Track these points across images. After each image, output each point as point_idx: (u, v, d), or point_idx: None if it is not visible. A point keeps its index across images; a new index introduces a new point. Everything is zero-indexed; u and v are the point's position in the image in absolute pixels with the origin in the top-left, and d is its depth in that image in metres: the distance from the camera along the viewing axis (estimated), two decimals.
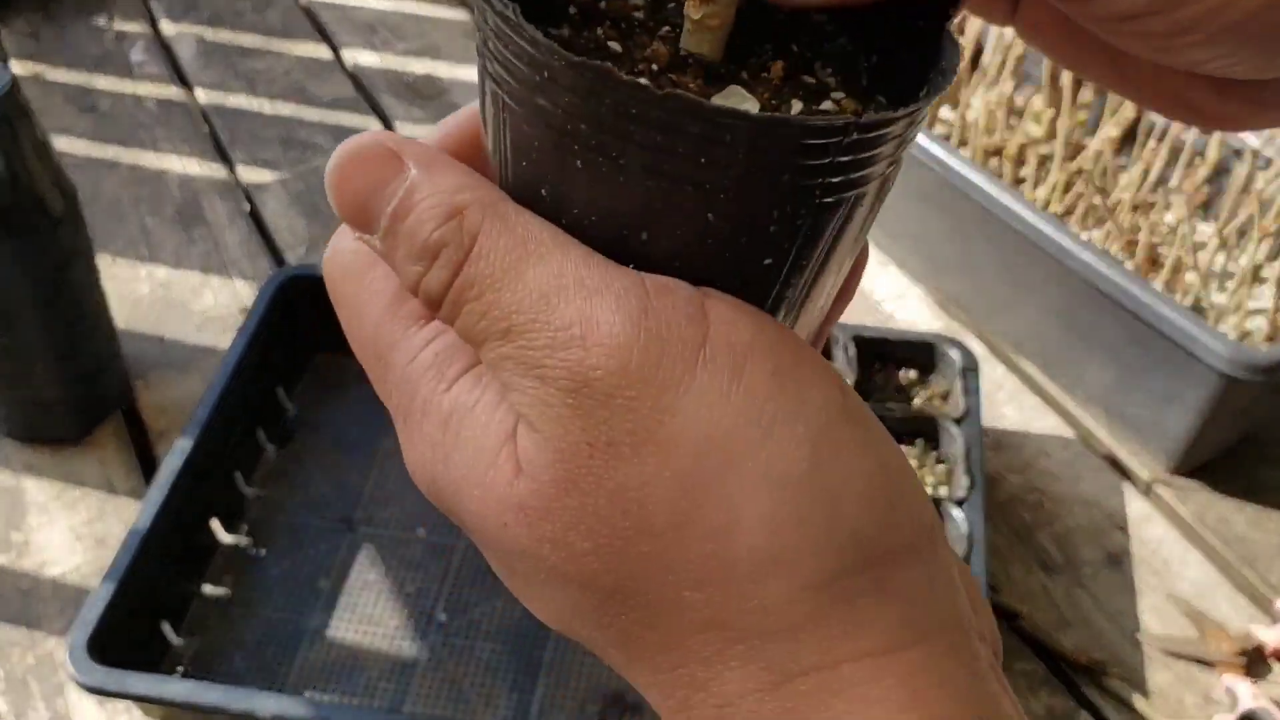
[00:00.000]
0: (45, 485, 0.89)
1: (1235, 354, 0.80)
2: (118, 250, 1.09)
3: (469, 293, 0.25)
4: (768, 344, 0.24)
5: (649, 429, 0.23)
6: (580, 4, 0.30)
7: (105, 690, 0.68)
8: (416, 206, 0.26)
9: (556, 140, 0.25)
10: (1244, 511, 0.91)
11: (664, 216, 0.25)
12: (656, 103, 0.23)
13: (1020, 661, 0.81)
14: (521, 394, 0.24)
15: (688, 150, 0.23)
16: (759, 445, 0.23)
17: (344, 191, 0.27)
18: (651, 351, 0.23)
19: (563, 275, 0.24)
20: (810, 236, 0.25)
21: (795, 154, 0.23)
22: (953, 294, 1.06)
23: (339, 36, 1.38)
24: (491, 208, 0.25)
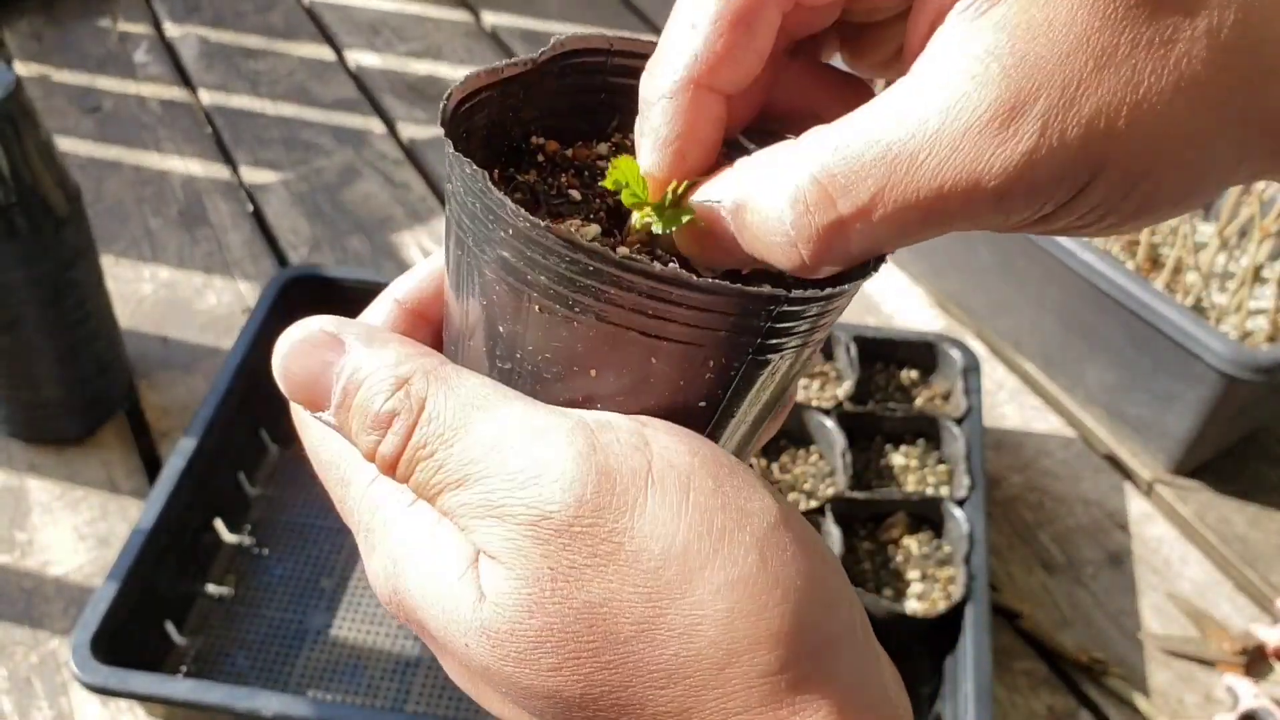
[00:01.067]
0: (49, 485, 0.89)
1: (1236, 354, 0.80)
2: (121, 250, 1.09)
3: (421, 452, 0.27)
4: (705, 464, 0.27)
5: (610, 551, 0.26)
6: (548, 153, 0.33)
7: (108, 689, 0.68)
8: (364, 382, 0.28)
9: (515, 287, 0.27)
10: (1244, 511, 0.91)
11: (611, 359, 0.27)
12: (612, 265, 0.25)
13: (1021, 660, 0.81)
14: (481, 533, 0.27)
15: (636, 306, 0.26)
16: (712, 553, 0.26)
17: (291, 378, 0.30)
18: (604, 483, 0.26)
19: (509, 426, 0.27)
20: (741, 386, 0.28)
21: (733, 316, 0.26)
22: (954, 294, 1.06)
23: (341, 37, 1.38)
24: (433, 373, 0.28)
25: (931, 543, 0.82)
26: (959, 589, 0.76)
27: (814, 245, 0.26)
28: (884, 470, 0.87)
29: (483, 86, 0.30)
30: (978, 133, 0.25)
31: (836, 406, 0.87)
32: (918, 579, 0.79)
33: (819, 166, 0.26)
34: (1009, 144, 0.25)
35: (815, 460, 0.86)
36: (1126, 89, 0.25)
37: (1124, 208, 0.26)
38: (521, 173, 0.32)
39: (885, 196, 0.25)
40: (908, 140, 0.25)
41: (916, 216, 0.25)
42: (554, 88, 0.32)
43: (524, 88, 0.32)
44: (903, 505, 0.82)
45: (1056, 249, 0.88)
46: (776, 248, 0.27)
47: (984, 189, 0.25)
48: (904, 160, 0.25)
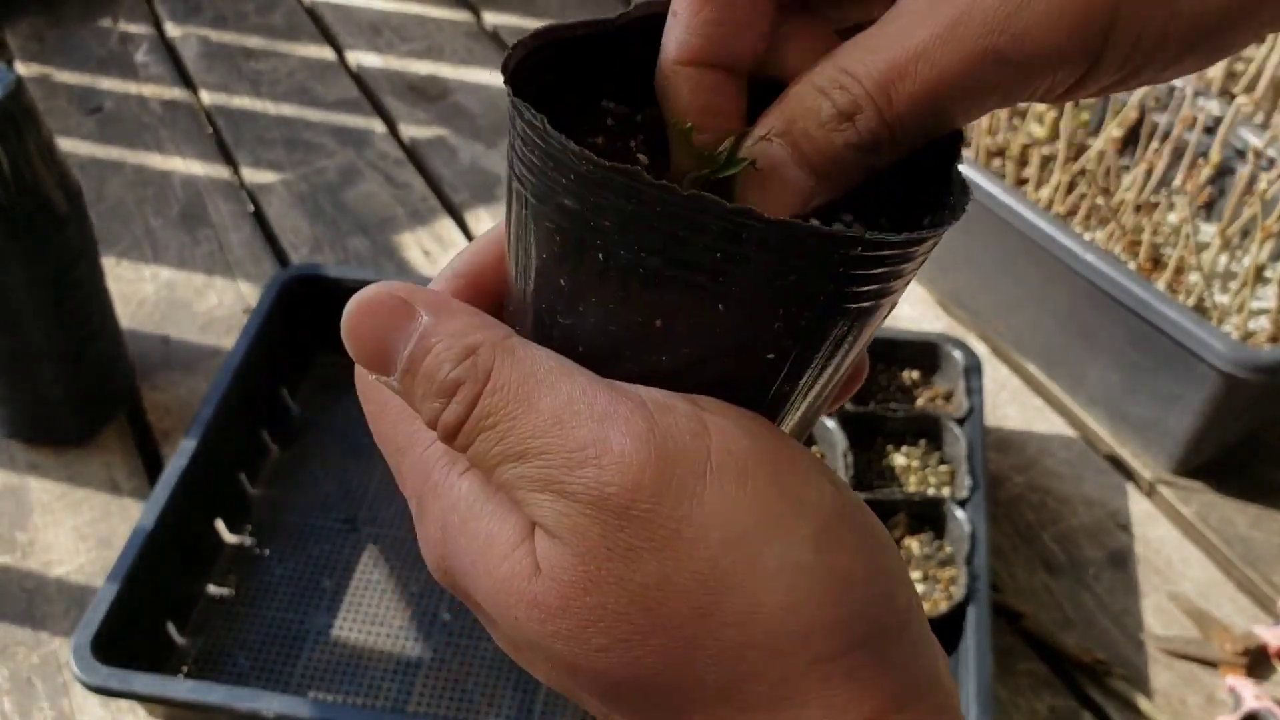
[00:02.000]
0: (50, 485, 0.89)
1: (1238, 354, 0.80)
2: (122, 251, 1.09)
3: (485, 422, 0.27)
4: (764, 451, 0.27)
5: (667, 536, 0.26)
6: (617, 116, 0.32)
7: (109, 690, 0.68)
8: (433, 349, 0.28)
9: (579, 237, 0.26)
10: (1247, 511, 0.91)
11: (677, 307, 0.27)
12: (679, 203, 0.25)
13: (1023, 662, 0.81)
14: (538, 507, 0.27)
15: (705, 245, 0.25)
16: (769, 543, 0.26)
17: (360, 339, 0.29)
18: (663, 467, 0.26)
19: (572, 402, 0.27)
20: (812, 339, 0.27)
21: (805, 260, 0.26)
22: (955, 294, 1.06)
23: (342, 38, 1.38)
24: (501, 345, 0.28)
25: (933, 543, 0.82)
26: (960, 589, 0.76)
27: (856, 122, 0.27)
28: (885, 471, 0.87)
29: (552, 42, 0.30)
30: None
31: (837, 407, 0.87)
32: (919, 579, 0.79)
33: (841, 60, 0.27)
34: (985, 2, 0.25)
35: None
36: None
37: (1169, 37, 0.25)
38: (590, 136, 0.31)
39: (894, 66, 0.26)
40: (901, 19, 0.26)
41: (928, 87, 0.26)
42: (629, 53, 0.31)
43: (597, 50, 0.31)
44: (904, 506, 0.82)
45: (1058, 249, 0.88)
46: (831, 137, 0.27)
47: (975, 50, 0.25)
48: (903, 35, 0.26)
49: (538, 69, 0.30)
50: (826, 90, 0.27)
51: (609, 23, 0.31)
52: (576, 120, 0.32)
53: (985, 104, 0.27)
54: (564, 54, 0.31)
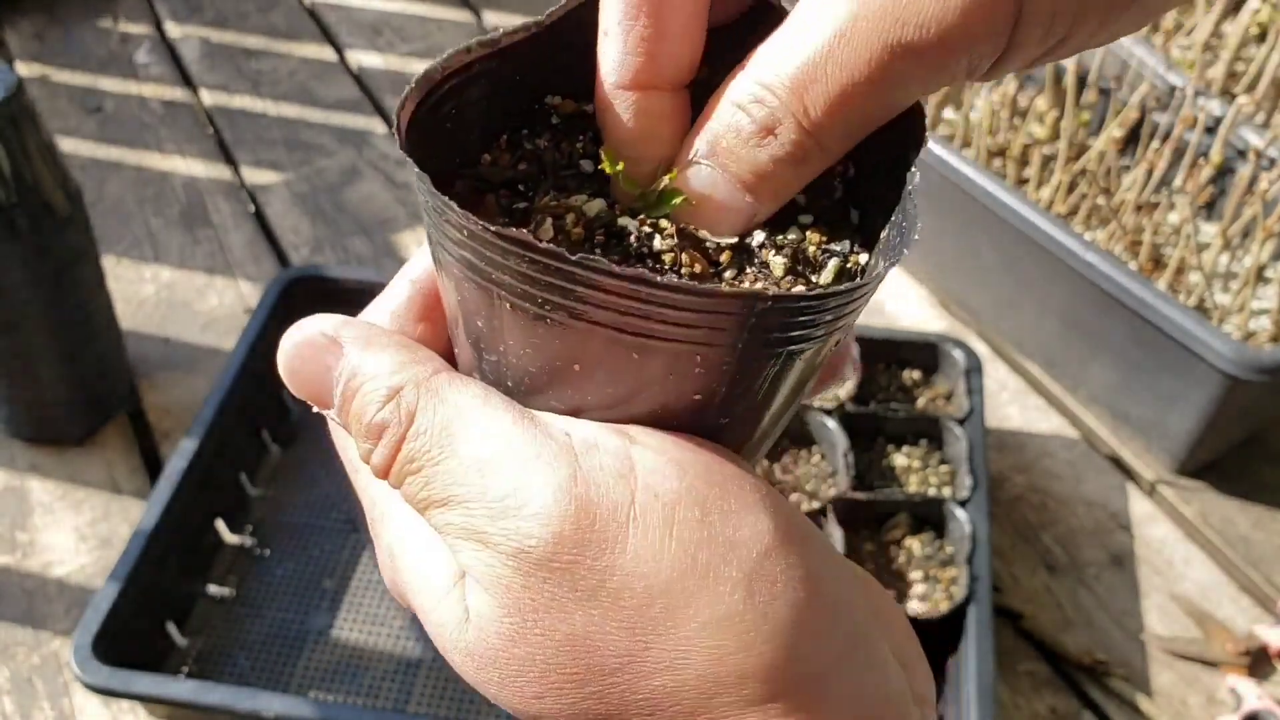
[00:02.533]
0: (50, 486, 0.89)
1: (1239, 354, 0.80)
2: (122, 251, 1.09)
3: (410, 466, 0.27)
4: (693, 491, 0.26)
5: (592, 587, 0.25)
6: (563, 113, 0.31)
7: (110, 690, 0.68)
8: (360, 389, 0.28)
9: (484, 286, 0.26)
10: (1248, 512, 0.91)
11: (591, 356, 0.26)
12: (572, 266, 0.24)
13: (1024, 662, 0.81)
14: (464, 555, 0.26)
15: (607, 304, 0.25)
16: (696, 591, 0.25)
17: (294, 377, 0.30)
18: (584, 518, 0.25)
19: (495, 447, 0.26)
20: (739, 380, 0.27)
21: (708, 314, 0.25)
22: (956, 294, 1.06)
23: (343, 38, 1.38)
24: (425, 384, 0.28)
25: (934, 543, 0.82)
26: (961, 590, 0.76)
27: (779, 136, 0.26)
28: (886, 471, 0.87)
29: (474, 60, 0.29)
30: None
31: (838, 407, 0.87)
32: (920, 580, 0.79)
33: (754, 71, 0.26)
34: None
35: (817, 461, 0.86)
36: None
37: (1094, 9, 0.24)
38: (536, 136, 0.31)
39: (802, 71, 0.25)
40: (803, 22, 0.25)
41: (840, 89, 0.25)
42: (572, 41, 0.31)
43: (535, 49, 0.31)
44: (905, 506, 0.82)
45: (1059, 249, 0.88)
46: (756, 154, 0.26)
47: (881, 46, 0.24)
48: (807, 40, 0.25)
49: (463, 87, 0.29)
50: (744, 106, 0.27)
51: (537, 24, 0.30)
52: (523, 120, 0.31)
53: (905, 95, 0.26)
54: (492, 65, 0.30)
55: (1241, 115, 0.93)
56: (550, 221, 0.28)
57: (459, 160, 0.30)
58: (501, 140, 0.31)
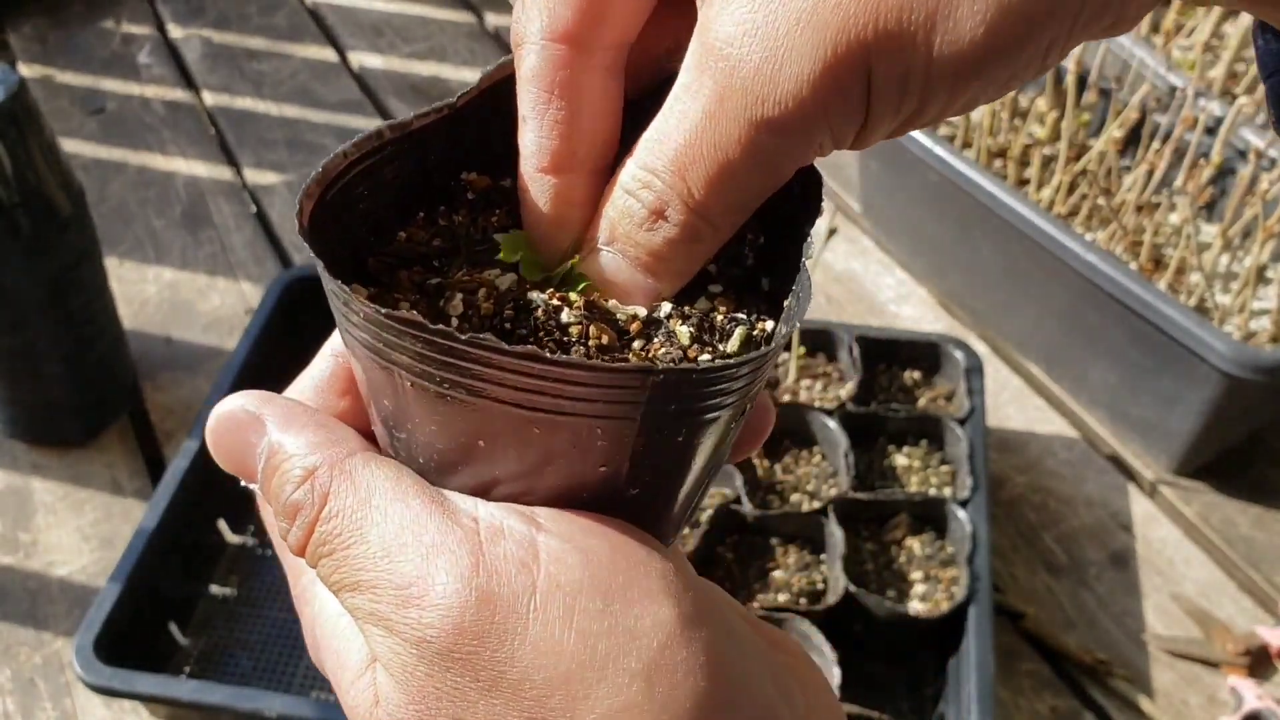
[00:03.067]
0: (53, 486, 0.89)
1: (1239, 354, 0.80)
2: (125, 252, 1.09)
3: (322, 549, 0.28)
4: (596, 577, 0.26)
5: (493, 677, 0.25)
6: (478, 189, 0.32)
7: (112, 690, 0.69)
8: (279, 468, 0.29)
9: (384, 366, 0.27)
10: (1248, 512, 0.91)
11: (493, 432, 0.26)
12: (464, 345, 0.25)
13: (1025, 662, 0.81)
14: (374, 640, 0.27)
15: (503, 381, 0.25)
16: (596, 683, 0.25)
17: (219, 451, 0.31)
18: (484, 608, 0.25)
19: (401, 533, 0.27)
20: (645, 452, 0.27)
21: (603, 388, 0.25)
22: (956, 295, 1.06)
23: (345, 39, 1.38)
24: (339, 465, 0.28)
25: (934, 543, 0.82)
26: (962, 590, 0.76)
27: (669, 218, 0.27)
28: (887, 471, 0.87)
29: (385, 144, 0.30)
30: (713, 73, 0.25)
31: (839, 407, 0.87)
32: (921, 580, 0.79)
33: (637, 157, 0.28)
34: (737, 75, 0.25)
35: (818, 461, 0.86)
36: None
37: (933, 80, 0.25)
38: (453, 212, 0.31)
39: (680, 155, 0.27)
40: (674, 103, 0.26)
41: (719, 169, 0.26)
42: (486, 119, 0.32)
43: (449, 129, 0.31)
44: (906, 506, 0.82)
45: (1059, 249, 0.88)
46: (651, 238, 0.28)
47: (746, 125, 0.25)
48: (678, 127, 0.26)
49: (378, 167, 0.30)
50: (633, 191, 0.28)
51: (449, 106, 0.31)
52: (440, 198, 0.32)
53: (779, 169, 0.27)
54: (405, 147, 0.31)
55: (1242, 116, 0.93)
56: (460, 297, 0.28)
57: (374, 238, 0.31)
58: (418, 217, 0.31)
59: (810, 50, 0.24)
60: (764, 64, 0.24)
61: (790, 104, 0.25)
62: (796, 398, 0.89)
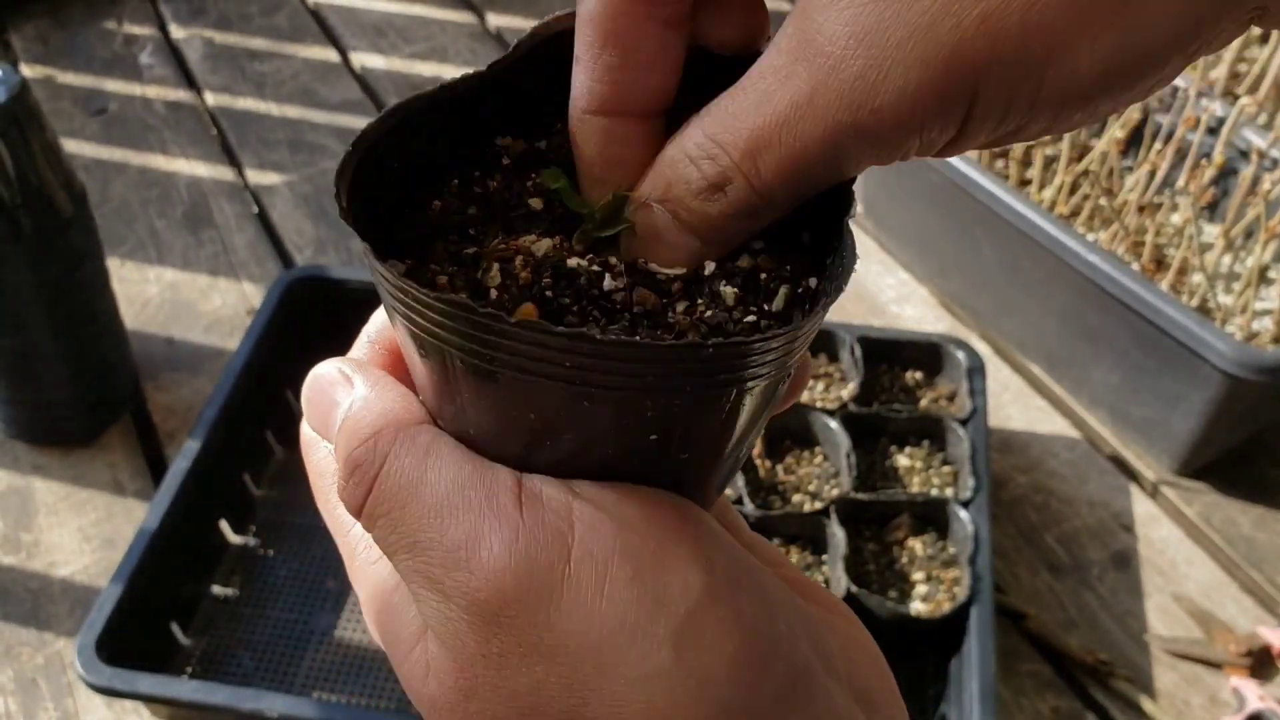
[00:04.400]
0: (54, 486, 0.89)
1: (1241, 355, 0.80)
2: (127, 252, 1.09)
3: (380, 508, 0.28)
4: (629, 545, 0.27)
5: (532, 642, 0.26)
6: (514, 153, 0.32)
7: (114, 690, 0.69)
8: (351, 426, 0.30)
9: (435, 346, 0.27)
10: (1250, 512, 0.91)
11: (546, 405, 0.26)
12: (513, 328, 0.25)
13: (1026, 663, 0.81)
14: (426, 605, 0.28)
15: (552, 359, 0.25)
16: (626, 649, 0.26)
17: (309, 410, 0.32)
18: (522, 574, 0.26)
19: (452, 494, 0.27)
20: (694, 419, 0.27)
21: (653, 364, 0.25)
22: (958, 295, 1.06)
23: (346, 39, 1.38)
24: (405, 429, 0.29)
25: (936, 544, 0.82)
26: (964, 590, 0.76)
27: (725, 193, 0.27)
28: (889, 471, 0.87)
29: (413, 114, 0.30)
30: (810, 65, 0.25)
31: (841, 408, 0.87)
32: (923, 580, 0.79)
33: (707, 124, 0.27)
34: (838, 74, 0.24)
35: (820, 461, 0.86)
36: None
37: (1039, 106, 0.24)
38: (489, 178, 0.31)
39: (759, 139, 0.26)
40: (763, 84, 0.26)
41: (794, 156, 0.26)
42: (525, 81, 0.31)
43: (480, 96, 0.31)
44: (907, 506, 0.82)
45: (1061, 250, 0.88)
46: (703, 207, 0.28)
47: (835, 122, 0.25)
48: (764, 103, 0.26)
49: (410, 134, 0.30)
50: (695, 159, 0.27)
51: (480, 73, 0.31)
52: (477, 162, 0.32)
53: (854, 168, 0.27)
54: (439, 114, 0.30)
55: (1244, 116, 0.93)
56: (497, 267, 0.28)
57: (408, 209, 0.30)
58: (453, 184, 0.31)
59: (919, 65, 0.24)
60: (868, 70, 0.24)
61: (887, 115, 0.24)
62: (798, 392, 0.89)
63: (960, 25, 0.23)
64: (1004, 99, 0.24)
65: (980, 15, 0.23)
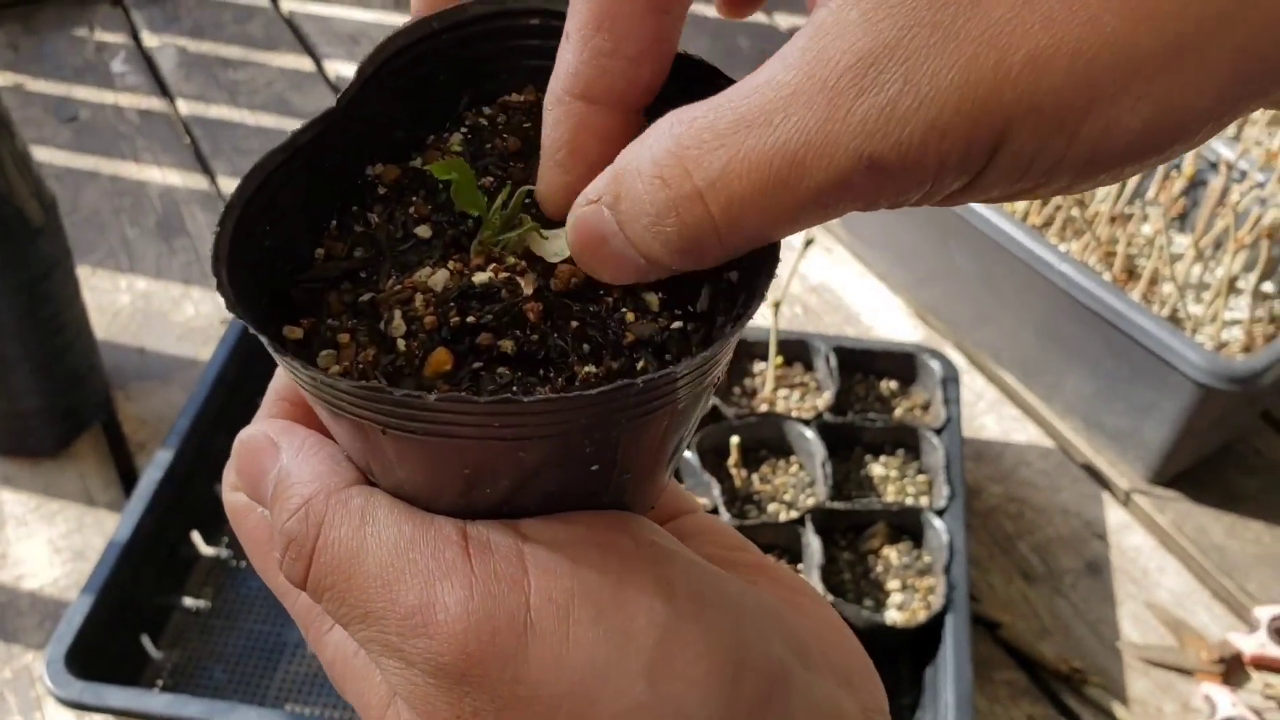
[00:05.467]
0: (23, 498, 0.88)
1: (1212, 364, 0.81)
2: (98, 261, 1.08)
3: (324, 582, 0.27)
4: (586, 584, 0.26)
5: (504, 697, 0.26)
6: (388, 181, 0.30)
7: (83, 704, 0.68)
8: (280, 496, 0.29)
9: (356, 422, 0.26)
10: (1221, 520, 0.91)
11: (478, 461, 0.26)
12: (434, 408, 0.24)
13: (1001, 671, 0.81)
14: (390, 673, 0.27)
15: (479, 425, 0.24)
16: (600, 690, 0.26)
17: (241, 478, 0.31)
18: (484, 631, 0.25)
19: (397, 559, 0.26)
20: (632, 443, 0.27)
21: (582, 412, 0.24)
22: (932, 305, 1.06)
23: (321, 48, 1.38)
24: (336, 494, 0.28)
25: (911, 553, 0.82)
26: (939, 599, 0.77)
27: (677, 226, 0.24)
28: (864, 480, 0.87)
29: (274, 170, 0.29)
30: (831, 87, 0.22)
31: (816, 417, 0.87)
32: (898, 589, 0.79)
33: (678, 134, 0.24)
34: (865, 99, 0.22)
35: (795, 471, 0.87)
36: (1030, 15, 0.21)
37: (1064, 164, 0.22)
38: (369, 211, 0.30)
39: (740, 164, 0.23)
40: (763, 102, 0.23)
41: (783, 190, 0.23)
42: (380, 105, 0.30)
43: (338, 133, 0.30)
44: (882, 515, 0.83)
45: (1034, 260, 0.89)
46: (649, 235, 0.25)
47: (849, 153, 0.22)
48: (758, 122, 0.22)
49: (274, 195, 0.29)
50: (648, 177, 0.24)
51: (330, 111, 0.29)
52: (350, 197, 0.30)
53: (844, 209, 0.24)
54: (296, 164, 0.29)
55: None
56: (399, 313, 0.27)
57: (291, 267, 0.29)
58: (331, 227, 0.30)
59: (954, 102, 0.21)
60: (901, 97, 0.22)
61: (912, 149, 0.22)
62: (773, 408, 0.90)
63: (1004, 63, 0.21)
64: (1031, 151, 0.22)
65: (1027, 57, 0.21)
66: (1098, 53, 0.21)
